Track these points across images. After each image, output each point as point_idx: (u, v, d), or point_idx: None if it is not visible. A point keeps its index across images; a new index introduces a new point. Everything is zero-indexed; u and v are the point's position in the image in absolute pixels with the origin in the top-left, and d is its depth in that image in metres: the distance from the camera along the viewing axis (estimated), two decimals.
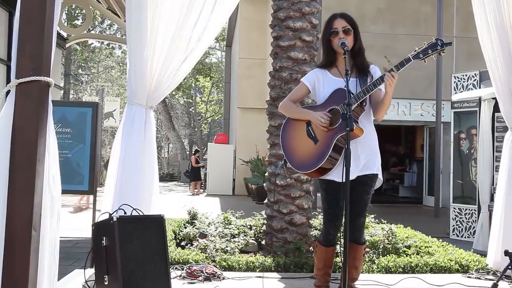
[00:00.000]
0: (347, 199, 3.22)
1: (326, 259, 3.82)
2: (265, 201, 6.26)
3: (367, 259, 5.22)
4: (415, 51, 3.46)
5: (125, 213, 3.88)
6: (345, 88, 3.45)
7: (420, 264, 5.10)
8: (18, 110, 2.43)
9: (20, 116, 2.42)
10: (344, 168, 3.22)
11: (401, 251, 5.67)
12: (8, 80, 2.50)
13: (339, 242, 3.87)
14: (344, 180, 3.23)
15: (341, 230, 3.68)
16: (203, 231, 6.20)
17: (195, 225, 6.53)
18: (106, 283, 3.63)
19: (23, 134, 2.40)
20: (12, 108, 2.44)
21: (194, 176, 21.36)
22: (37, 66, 2.48)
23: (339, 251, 4.64)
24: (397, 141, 20.49)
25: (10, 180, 2.36)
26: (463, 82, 9.18)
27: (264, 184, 6.46)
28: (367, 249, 5.42)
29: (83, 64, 35.34)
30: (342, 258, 3.25)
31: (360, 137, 3.55)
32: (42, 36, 2.50)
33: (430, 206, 15.06)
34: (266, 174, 6.37)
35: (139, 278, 3.64)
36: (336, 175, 3.59)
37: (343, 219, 3.53)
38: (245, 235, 6.18)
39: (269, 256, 5.43)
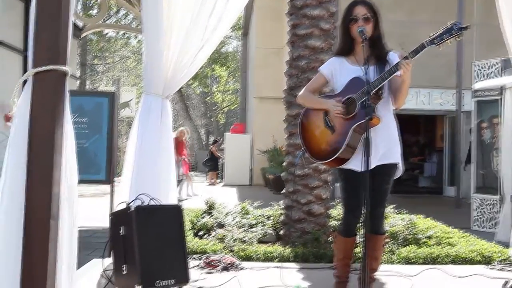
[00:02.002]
0: (367, 189, 3.20)
1: (346, 249, 3.81)
2: (283, 191, 6.26)
3: (387, 250, 5.19)
4: (430, 37, 3.38)
5: (142, 202, 3.90)
6: (362, 77, 3.43)
7: (441, 255, 5.07)
8: (35, 99, 2.43)
9: (37, 106, 2.42)
10: (364, 157, 3.20)
11: (421, 242, 5.63)
12: (25, 70, 2.51)
13: (359, 233, 3.85)
14: (363, 170, 3.21)
15: (361, 220, 3.66)
16: (220, 221, 6.22)
17: (213, 215, 6.55)
18: (124, 272, 3.65)
19: (40, 123, 2.40)
20: (29, 98, 2.45)
21: (214, 166, 21.41)
22: (53, 55, 2.48)
23: (359, 241, 4.64)
24: (417, 130, 20.32)
25: (28, 170, 2.38)
26: (485, 70, 9.06)
27: (282, 174, 6.45)
28: (387, 240, 5.39)
29: (98, 54, 35.51)
30: (362, 249, 3.23)
31: (378, 125, 3.51)
32: (58, 25, 2.50)
33: (450, 196, 14.94)
34: (284, 164, 6.36)
35: (157, 267, 3.66)
36: (355, 164, 3.57)
37: (363, 209, 3.51)
38: (263, 225, 6.18)
39: (288, 246, 5.43)
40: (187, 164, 13.87)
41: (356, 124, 3.50)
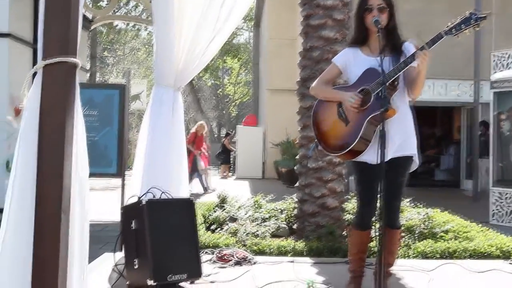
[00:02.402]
0: (384, 182, 3.19)
1: (361, 243, 3.79)
2: (296, 184, 6.25)
3: (403, 244, 5.17)
4: (447, 26, 3.34)
5: (154, 196, 3.92)
6: (377, 68, 3.41)
7: (459, 250, 5.04)
8: (45, 92, 2.44)
9: (47, 98, 2.43)
10: (379, 150, 3.19)
11: (438, 236, 5.60)
12: (34, 63, 2.52)
13: (374, 226, 3.84)
14: (378, 162, 3.20)
15: (377, 214, 3.65)
16: (233, 215, 6.23)
17: (225, 209, 6.56)
18: (136, 266, 3.67)
19: (50, 116, 2.41)
20: (39, 90, 2.45)
21: (226, 159, 21.45)
22: (63, 47, 2.48)
23: (374, 235, 4.62)
24: (433, 122, 20.16)
25: (39, 163, 2.39)
26: (503, 60, 8.96)
27: (295, 167, 6.45)
28: (403, 234, 5.37)
29: (108, 46, 35.59)
30: (378, 243, 3.22)
31: (393, 117, 3.48)
32: (68, 17, 2.50)
33: (468, 190, 14.82)
34: (297, 156, 6.35)
35: (169, 261, 3.68)
36: (369, 156, 3.54)
37: (378, 202, 3.50)
38: (276, 219, 6.19)
39: (301, 240, 5.44)
40: (206, 158, 13.79)
41: (371, 115, 3.48)
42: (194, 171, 13.00)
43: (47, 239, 2.36)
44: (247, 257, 4.70)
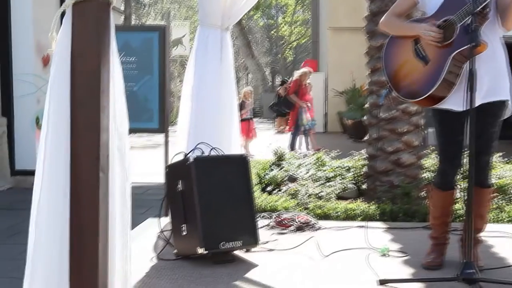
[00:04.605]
0: (472, 133, 3.10)
1: (444, 205, 3.73)
2: (365, 138, 6.20)
3: (494, 206, 5.08)
4: None
5: (202, 152, 3.93)
6: None
7: None
8: (76, 33, 2.43)
9: (78, 41, 2.42)
10: (466, 94, 3.09)
11: None
12: (62, 3, 2.50)
13: (458, 186, 3.75)
14: (465, 109, 3.12)
15: (462, 171, 3.57)
16: (292, 174, 6.24)
17: (283, 167, 6.58)
18: (184, 233, 3.73)
19: (83, 61, 2.41)
20: (69, 32, 2.45)
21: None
22: None
23: (458, 196, 4.54)
24: None
25: (72, 116, 2.40)
26: None
27: (364, 118, 6.39)
28: (495, 194, 5.26)
29: None
30: (465, 205, 3.15)
31: (482, 54, 3.34)
32: None
33: None
34: (366, 105, 6.28)
35: (221, 227, 3.71)
36: (453, 102, 3.43)
37: (463, 157, 3.41)
38: (342, 179, 6.18)
39: (372, 202, 5.41)
40: (310, 112, 13.24)
41: (457, 51, 3.35)
42: (298, 127, 12.81)
43: (85, 201, 2.39)
44: (310, 221, 4.71)
